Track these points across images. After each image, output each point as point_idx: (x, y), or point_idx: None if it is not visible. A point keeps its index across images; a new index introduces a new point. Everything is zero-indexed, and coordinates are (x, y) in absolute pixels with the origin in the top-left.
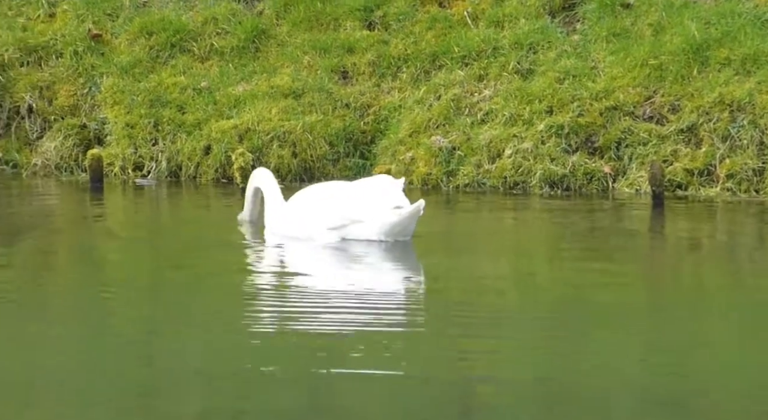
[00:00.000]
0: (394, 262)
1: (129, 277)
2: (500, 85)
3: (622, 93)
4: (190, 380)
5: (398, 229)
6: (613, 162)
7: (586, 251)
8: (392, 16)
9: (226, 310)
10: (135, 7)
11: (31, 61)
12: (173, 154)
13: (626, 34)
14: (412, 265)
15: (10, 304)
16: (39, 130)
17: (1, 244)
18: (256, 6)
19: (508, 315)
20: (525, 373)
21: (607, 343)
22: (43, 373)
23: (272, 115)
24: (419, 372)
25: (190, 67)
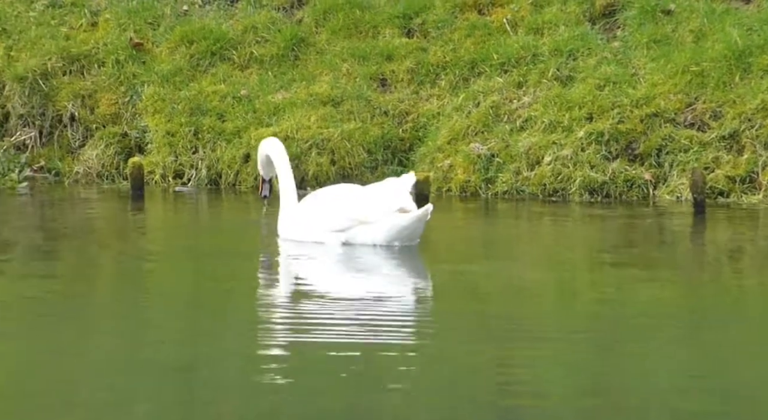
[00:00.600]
0: (429, 270)
1: (168, 285)
2: (539, 91)
3: (663, 100)
4: (229, 390)
5: (405, 233)
6: (653, 169)
7: (627, 259)
8: (431, 24)
9: (263, 319)
10: (176, 16)
11: (73, 69)
12: (213, 162)
13: (667, 41)
14: (451, 272)
15: (50, 315)
16: (81, 139)
17: (43, 252)
18: (295, 14)
19: (547, 324)
20: (564, 387)
21: (648, 355)
22: (83, 383)
23: (311, 123)
24: (451, 383)
25: (229, 76)
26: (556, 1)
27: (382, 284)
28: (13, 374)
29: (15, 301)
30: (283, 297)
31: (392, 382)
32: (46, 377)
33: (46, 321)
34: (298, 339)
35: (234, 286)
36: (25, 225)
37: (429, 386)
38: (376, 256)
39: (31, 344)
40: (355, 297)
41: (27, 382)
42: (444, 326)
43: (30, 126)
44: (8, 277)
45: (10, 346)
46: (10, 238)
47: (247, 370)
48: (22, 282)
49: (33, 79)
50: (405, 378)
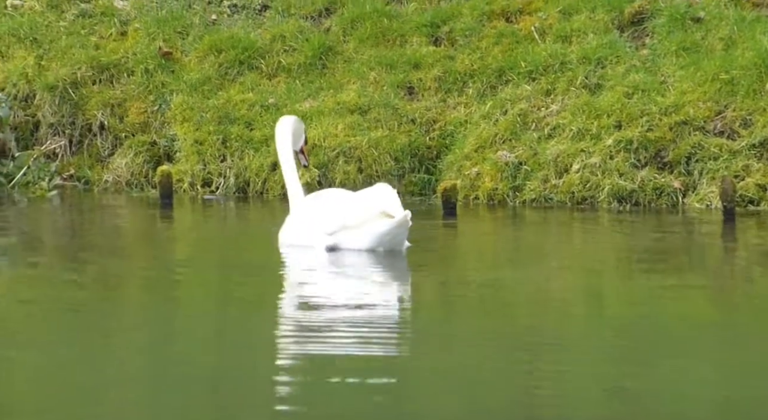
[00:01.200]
0: (455, 278)
1: (195, 295)
2: (568, 99)
3: (692, 108)
4: (255, 400)
5: (387, 239)
6: (683, 177)
7: (656, 268)
8: (459, 32)
9: (289, 330)
10: (204, 26)
11: (103, 79)
12: (241, 170)
13: (696, 49)
14: (478, 281)
15: (76, 324)
16: (110, 147)
17: (72, 260)
18: (323, 23)
19: (574, 335)
20: (590, 399)
21: (678, 367)
22: (107, 394)
23: (338, 131)
24: (474, 394)
25: (257, 84)
26: (585, 9)
27: (408, 293)
28: (36, 385)
29: (42, 309)
30: (307, 308)
31: (414, 392)
32: (70, 388)
33: (72, 330)
34: (323, 351)
35: (260, 295)
36: (54, 233)
37: (451, 397)
38: (401, 264)
39: (55, 353)
40: (382, 307)
41: (50, 394)
42: (469, 335)
43: (60, 135)
44: (36, 286)
45: (34, 355)
46: (40, 246)
47: (270, 382)
48: (50, 290)
49: (63, 88)
50: (428, 388)
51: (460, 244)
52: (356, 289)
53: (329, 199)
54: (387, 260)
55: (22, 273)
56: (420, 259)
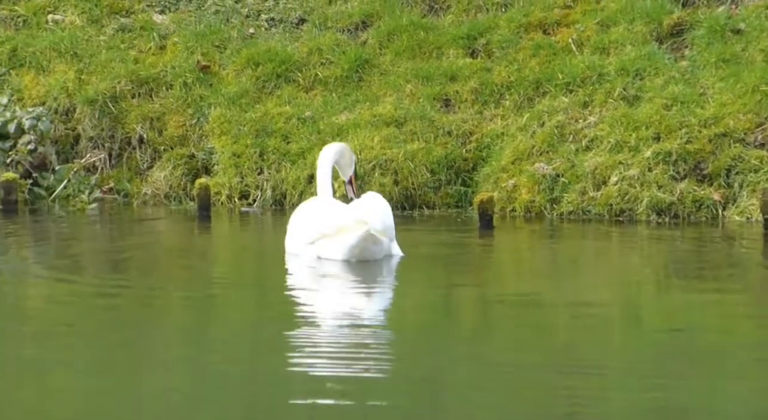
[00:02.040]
0: (489, 292)
1: (233, 309)
2: (605, 111)
3: (732, 119)
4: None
5: (356, 251)
6: (722, 189)
7: (696, 283)
8: (495, 44)
9: (324, 343)
10: (242, 39)
11: (142, 92)
12: (278, 183)
13: (736, 60)
14: (514, 294)
15: (117, 338)
16: (149, 160)
17: (111, 273)
18: (360, 36)
19: (610, 353)
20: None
21: (716, 389)
22: (146, 412)
23: (374, 144)
24: (510, 409)
25: (294, 97)
26: (623, 21)
27: (443, 308)
28: (76, 398)
29: (80, 323)
30: (338, 325)
31: (451, 409)
32: (108, 403)
33: (110, 344)
34: (361, 365)
35: (297, 311)
36: (94, 246)
37: (488, 413)
38: (438, 278)
39: (93, 366)
40: (413, 325)
41: (89, 407)
42: (505, 352)
43: (100, 148)
44: (74, 301)
45: (74, 368)
46: (79, 260)
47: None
48: (88, 305)
49: (103, 102)
50: (462, 405)
51: (497, 257)
52: (388, 305)
53: (315, 208)
54: (419, 273)
55: (62, 287)
56: (456, 272)
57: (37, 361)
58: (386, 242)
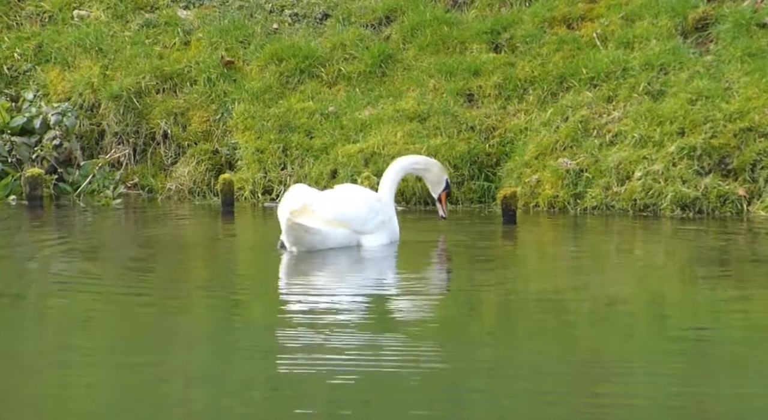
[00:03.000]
0: (513, 288)
1: (256, 305)
2: (630, 106)
3: (758, 114)
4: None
5: (291, 240)
6: (747, 184)
7: (721, 279)
8: (519, 39)
9: (343, 336)
10: (266, 35)
11: (166, 88)
12: (301, 178)
13: (762, 55)
14: (537, 290)
15: (141, 335)
16: (173, 156)
17: (136, 268)
18: (383, 31)
19: (635, 351)
20: (650, 416)
21: (742, 389)
22: (168, 403)
23: (397, 139)
24: (537, 403)
25: (318, 93)
26: (648, 15)
27: (465, 304)
28: (99, 394)
29: (104, 319)
30: (359, 320)
31: (470, 413)
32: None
33: (134, 340)
34: (381, 362)
35: (323, 301)
36: (119, 241)
37: (508, 417)
38: (461, 275)
39: (117, 363)
40: (435, 321)
41: (113, 405)
42: (527, 350)
43: (124, 143)
44: (99, 296)
45: (97, 365)
46: (105, 255)
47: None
48: (112, 300)
49: (127, 98)
50: (484, 408)
51: (520, 252)
52: (409, 304)
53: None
54: (441, 269)
55: (88, 282)
56: (478, 268)
57: (58, 355)
58: (330, 232)
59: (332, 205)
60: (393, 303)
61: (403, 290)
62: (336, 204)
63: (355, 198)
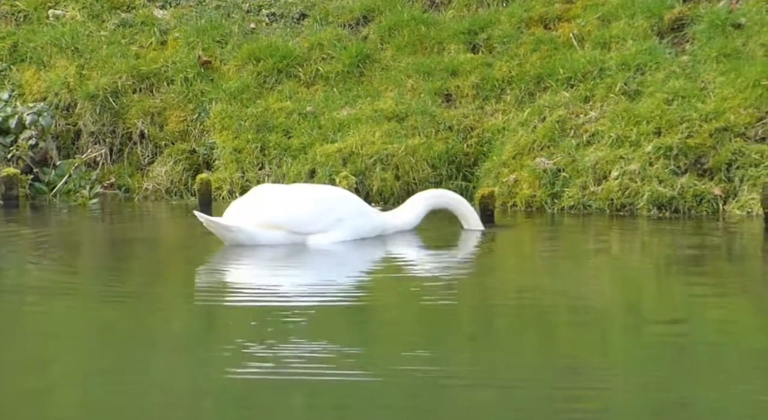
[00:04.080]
0: (490, 287)
1: (232, 305)
2: (606, 106)
3: (733, 114)
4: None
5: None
6: (723, 184)
7: (696, 278)
8: (496, 39)
9: (328, 337)
10: (243, 34)
11: (143, 87)
12: (279, 178)
13: (737, 55)
14: (514, 288)
15: (116, 338)
16: (150, 156)
17: (112, 268)
18: (361, 31)
19: (611, 351)
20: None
21: (718, 389)
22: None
23: (375, 139)
24: (509, 406)
25: (296, 92)
26: (624, 16)
27: (444, 302)
28: (74, 396)
29: (78, 320)
30: (342, 317)
31: (450, 413)
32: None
33: (108, 342)
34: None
35: (297, 303)
36: (94, 241)
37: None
38: (438, 274)
39: (93, 364)
40: (410, 320)
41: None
42: (505, 346)
43: (101, 143)
44: (74, 296)
45: (71, 366)
46: (80, 255)
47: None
48: (87, 300)
49: (104, 98)
50: (464, 408)
51: (497, 252)
52: (385, 300)
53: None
54: (418, 269)
55: (60, 284)
56: (455, 267)
57: (36, 353)
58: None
59: (264, 210)
60: (368, 305)
61: (374, 290)
62: (269, 208)
63: (296, 202)
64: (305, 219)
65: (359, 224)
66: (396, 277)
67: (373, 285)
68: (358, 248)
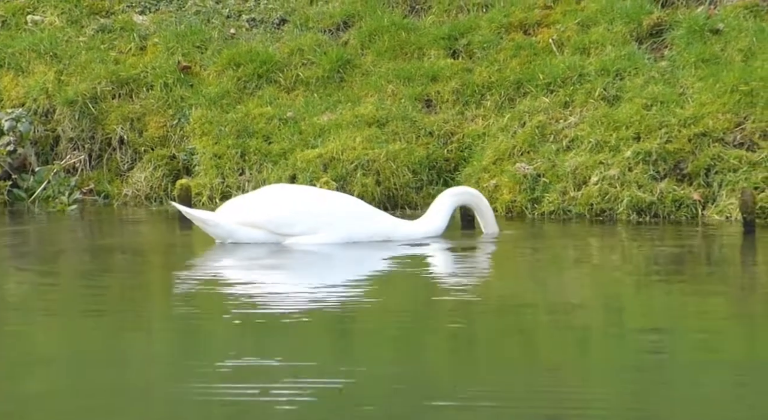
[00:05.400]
0: (471, 292)
1: (213, 307)
2: (586, 111)
3: (712, 119)
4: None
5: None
6: (702, 189)
7: (676, 283)
8: (477, 44)
9: (310, 340)
10: (223, 40)
11: (122, 93)
12: (259, 184)
13: (715, 60)
14: (495, 294)
15: (96, 342)
16: (130, 161)
17: (91, 275)
18: (341, 37)
19: (591, 358)
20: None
21: (700, 396)
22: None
23: (356, 144)
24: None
25: (276, 98)
26: (603, 21)
27: (424, 308)
28: (51, 401)
29: (57, 325)
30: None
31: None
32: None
33: (87, 348)
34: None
35: (280, 308)
36: (73, 248)
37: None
38: (417, 279)
39: (70, 370)
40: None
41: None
42: (484, 353)
43: (80, 149)
44: (53, 301)
45: (50, 371)
46: (58, 262)
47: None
48: (67, 306)
49: (83, 103)
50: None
51: (478, 257)
52: (355, 308)
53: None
54: (396, 275)
55: (40, 289)
56: (438, 271)
57: (11, 359)
58: (237, 229)
59: (244, 208)
60: (349, 309)
61: (353, 296)
62: (249, 206)
63: (277, 202)
64: (282, 220)
65: (350, 228)
66: (371, 282)
67: (350, 292)
68: (339, 252)
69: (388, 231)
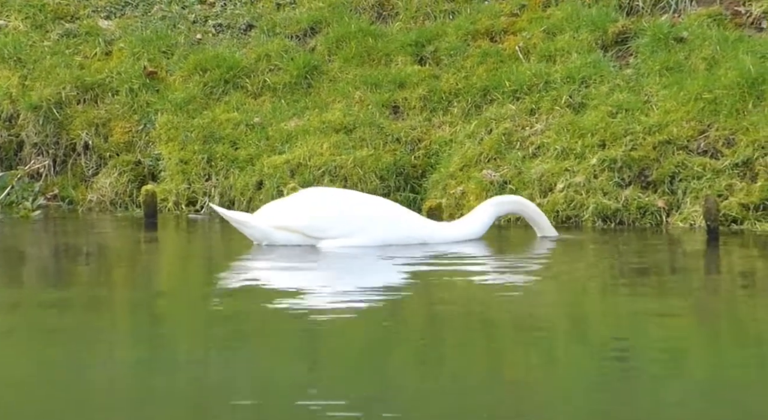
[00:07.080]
0: (432, 301)
1: (179, 311)
2: (552, 119)
3: (676, 127)
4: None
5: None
6: (666, 196)
7: (640, 290)
8: (443, 51)
9: (279, 340)
10: (189, 45)
11: (87, 98)
12: (226, 190)
13: (680, 68)
14: (458, 303)
15: (59, 344)
16: (95, 167)
17: (56, 282)
18: (308, 43)
19: (558, 368)
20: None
21: (663, 405)
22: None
23: (323, 150)
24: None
25: (243, 104)
26: (569, 29)
27: (384, 319)
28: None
29: (22, 332)
30: (291, 326)
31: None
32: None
33: (52, 355)
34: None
35: (249, 315)
36: (38, 254)
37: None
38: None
39: (36, 377)
40: (359, 336)
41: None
42: (451, 363)
43: (44, 154)
44: (17, 309)
45: (16, 379)
46: (23, 268)
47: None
48: (31, 313)
49: (47, 108)
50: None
51: (439, 267)
52: (317, 317)
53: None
54: (359, 281)
55: (3, 294)
56: (398, 280)
57: None
58: (272, 232)
59: (280, 213)
60: (319, 319)
61: (321, 306)
62: (284, 212)
63: (316, 207)
64: (318, 224)
65: (386, 231)
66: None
67: (324, 298)
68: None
69: (424, 234)
